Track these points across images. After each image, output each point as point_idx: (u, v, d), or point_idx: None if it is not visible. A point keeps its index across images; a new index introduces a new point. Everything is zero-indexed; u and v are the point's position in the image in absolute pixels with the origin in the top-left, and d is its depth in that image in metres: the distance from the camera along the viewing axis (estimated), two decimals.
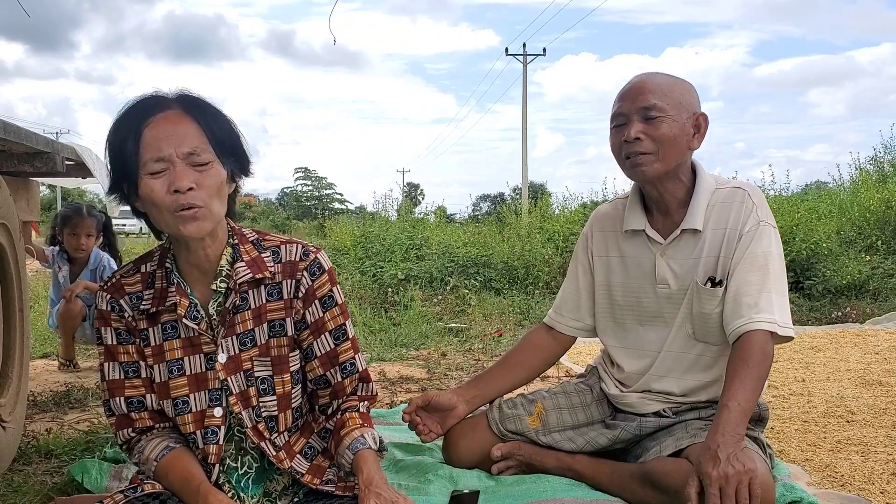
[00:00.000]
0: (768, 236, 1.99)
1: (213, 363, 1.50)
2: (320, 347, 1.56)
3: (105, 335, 1.53)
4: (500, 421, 2.24)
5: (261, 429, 1.53)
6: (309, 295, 1.53)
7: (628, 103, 2.00)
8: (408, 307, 6.72)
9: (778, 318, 1.92)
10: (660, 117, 1.97)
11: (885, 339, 4.95)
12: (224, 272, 1.50)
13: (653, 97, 1.98)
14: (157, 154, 1.38)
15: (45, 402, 3.38)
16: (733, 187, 2.07)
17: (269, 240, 1.56)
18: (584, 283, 2.28)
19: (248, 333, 1.51)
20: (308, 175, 51.16)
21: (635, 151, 1.98)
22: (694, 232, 2.04)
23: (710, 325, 2.03)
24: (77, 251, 4.23)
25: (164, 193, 1.38)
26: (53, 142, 2.82)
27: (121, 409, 1.53)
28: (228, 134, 1.46)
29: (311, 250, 1.54)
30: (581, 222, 9.89)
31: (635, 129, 1.97)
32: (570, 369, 4.10)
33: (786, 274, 2.02)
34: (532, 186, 30.09)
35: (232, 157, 1.47)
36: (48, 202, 28.04)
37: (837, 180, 12.36)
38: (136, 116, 1.41)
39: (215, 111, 1.47)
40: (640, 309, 2.15)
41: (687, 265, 2.05)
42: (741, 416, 1.79)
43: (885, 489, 2.22)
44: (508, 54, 29.67)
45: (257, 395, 1.52)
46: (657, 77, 2.04)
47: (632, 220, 2.14)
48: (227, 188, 1.47)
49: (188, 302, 1.48)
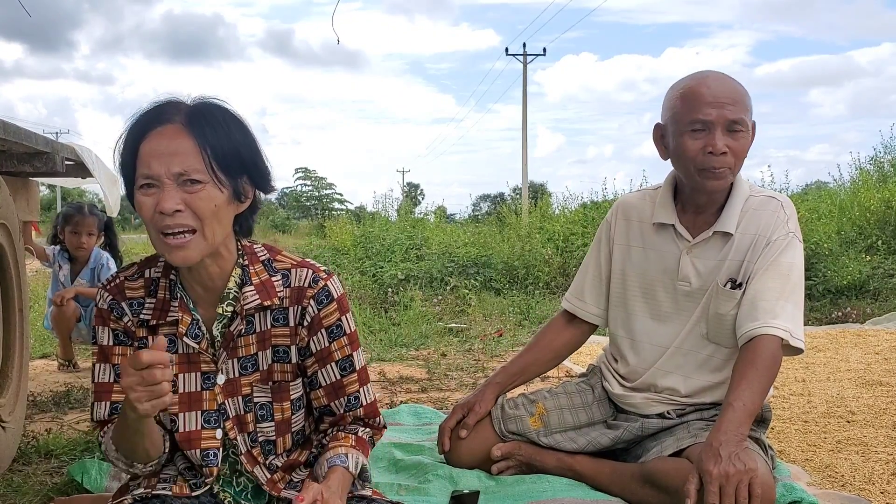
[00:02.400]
0: (794, 248, 2.00)
1: (210, 383, 1.46)
2: (325, 377, 1.51)
3: (101, 335, 1.49)
4: (502, 421, 2.23)
5: (255, 454, 1.50)
6: (315, 324, 1.47)
7: (714, 111, 1.94)
8: (408, 307, 6.72)
9: (792, 328, 1.92)
10: (742, 131, 1.97)
11: (886, 339, 4.94)
12: (231, 295, 1.44)
13: (739, 110, 1.95)
14: (148, 171, 1.33)
15: (44, 402, 3.38)
16: (767, 196, 2.08)
17: (281, 261, 1.49)
18: (605, 270, 2.27)
19: (251, 358, 1.47)
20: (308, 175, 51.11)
21: (720, 165, 1.96)
22: (725, 234, 2.04)
23: (724, 327, 2.03)
24: (78, 250, 4.23)
25: (152, 212, 1.33)
26: (53, 142, 2.82)
27: (102, 416, 1.48)
28: (235, 150, 1.38)
29: (321, 276, 1.47)
30: (581, 222, 9.90)
31: (722, 142, 1.94)
32: (570, 369, 4.10)
33: (804, 289, 2.03)
34: (532, 186, 30.12)
35: (243, 173, 1.40)
36: (48, 202, 28.07)
37: (838, 180, 12.35)
38: (138, 127, 1.37)
39: (225, 124, 1.39)
40: (654, 302, 2.15)
41: (711, 265, 2.05)
42: (746, 416, 1.79)
43: (885, 489, 2.22)
44: (508, 54, 29.70)
45: (254, 420, 1.49)
46: (732, 83, 2.00)
47: (662, 213, 2.13)
48: (231, 209, 1.39)
49: (190, 319, 1.44)
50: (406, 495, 2.06)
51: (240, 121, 1.42)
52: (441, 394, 3.61)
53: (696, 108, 1.96)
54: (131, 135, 1.37)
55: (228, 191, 1.37)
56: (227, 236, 1.43)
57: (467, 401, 2.29)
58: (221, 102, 1.42)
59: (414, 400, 3.44)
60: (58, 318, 4.09)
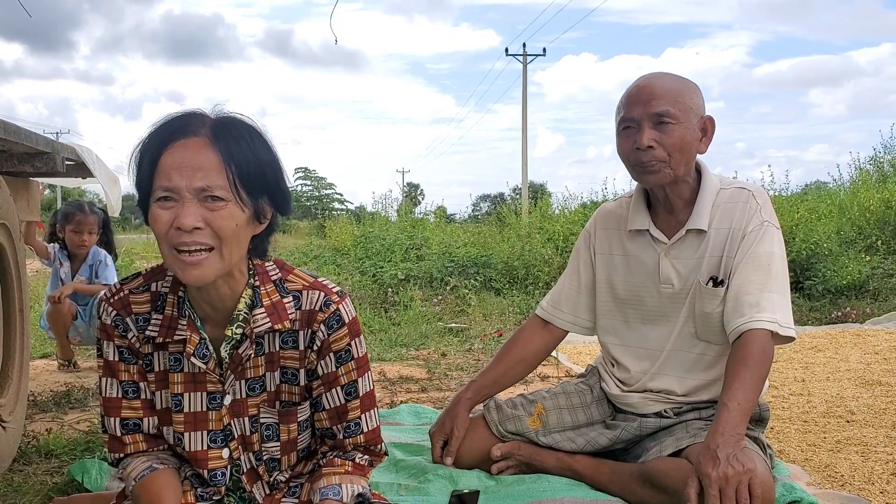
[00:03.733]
0: (771, 237, 1.99)
1: (216, 404, 1.44)
2: (330, 401, 1.48)
3: (107, 349, 1.46)
4: (499, 422, 2.23)
5: (260, 472, 1.49)
6: (324, 348, 1.44)
7: (639, 108, 1.96)
8: (408, 307, 6.72)
9: (779, 318, 1.91)
10: (671, 124, 1.94)
11: (885, 339, 4.95)
12: (241, 316, 1.40)
13: (664, 103, 1.94)
14: (168, 184, 1.27)
15: (45, 402, 3.38)
16: (738, 188, 2.06)
17: (293, 281, 1.45)
18: (585, 279, 2.28)
19: (259, 379, 1.45)
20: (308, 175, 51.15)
21: (648, 160, 1.96)
22: (699, 232, 2.04)
23: (711, 325, 2.03)
24: (79, 248, 4.24)
25: (168, 227, 1.27)
26: (53, 142, 2.82)
27: (114, 431, 1.47)
28: (260, 170, 1.32)
29: (332, 300, 1.43)
30: (581, 222, 9.89)
31: (647, 137, 1.94)
32: (569, 369, 4.10)
33: (788, 275, 2.02)
34: (532, 186, 30.10)
35: (264, 193, 1.34)
36: (48, 202, 28.04)
37: (837, 180, 12.38)
38: (160, 137, 1.31)
39: (252, 141, 1.33)
40: (643, 307, 2.15)
41: (690, 265, 2.05)
42: (741, 415, 1.79)
43: (884, 489, 2.22)
44: (508, 54, 29.72)
45: (260, 440, 1.48)
46: (666, 80, 2.01)
47: (636, 219, 2.13)
48: (249, 229, 1.35)
49: (198, 338, 1.41)
50: (406, 495, 2.06)
51: (265, 139, 1.37)
52: (441, 393, 3.61)
53: (625, 107, 2.00)
54: (152, 144, 1.31)
55: (249, 210, 1.32)
56: (242, 257, 1.38)
57: (441, 425, 2.25)
58: (246, 118, 1.37)
59: (414, 400, 3.44)
60: (53, 316, 4.09)
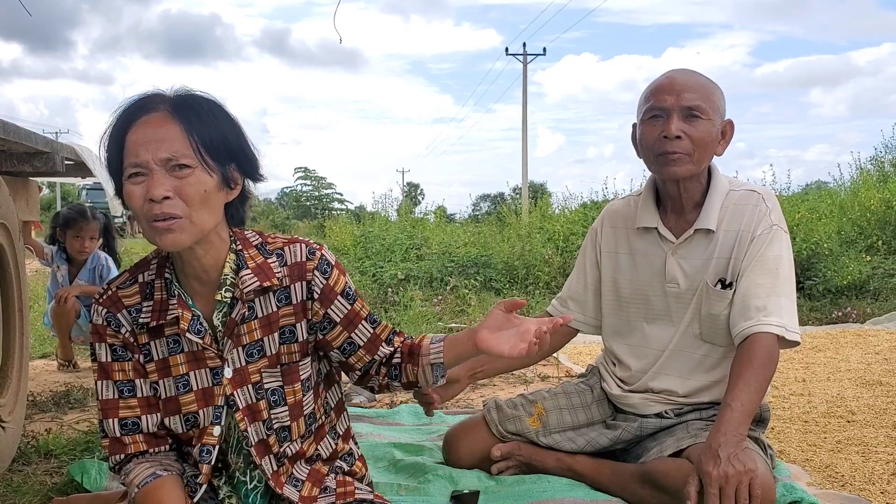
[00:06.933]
0: (780, 241, 1.99)
1: (219, 378, 1.45)
2: (361, 337, 1.53)
3: (99, 351, 1.47)
4: (499, 422, 2.23)
5: (270, 442, 1.49)
6: (327, 293, 1.47)
7: (671, 98, 1.96)
8: (408, 307, 6.72)
9: (787, 323, 1.91)
10: (700, 118, 1.95)
11: (886, 339, 4.94)
12: (229, 280, 1.43)
13: (696, 97, 1.95)
14: (135, 160, 1.33)
15: (44, 402, 3.38)
16: (748, 190, 2.07)
17: (272, 242, 1.49)
18: (591, 279, 2.27)
19: (256, 344, 1.46)
20: (308, 175, 51.05)
21: (673, 150, 1.96)
22: (707, 232, 2.03)
23: (717, 327, 2.03)
24: (80, 254, 4.23)
25: (142, 201, 1.32)
26: (53, 141, 2.82)
27: (114, 432, 1.47)
28: (222, 137, 1.38)
29: (315, 248, 1.48)
30: (581, 222, 9.89)
31: (676, 126, 1.94)
32: (570, 369, 4.10)
33: (795, 279, 2.02)
34: (532, 186, 30.13)
35: (231, 161, 1.40)
36: (47, 202, 28.05)
37: (838, 180, 12.35)
38: (123, 119, 1.36)
39: (211, 112, 1.39)
40: (647, 307, 2.15)
41: (697, 265, 2.05)
42: (744, 416, 1.79)
43: (885, 489, 2.22)
44: (509, 54, 29.68)
45: (268, 407, 1.48)
46: (697, 76, 2.02)
47: (644, 217, 2.13)
48: (221, 195, 1.39)
49: (191, 315, 1.43)
50: (406, 495, 2.06)
51: (224, 109, 1.42)
52: None
53: (654, 96, 2.00)
54: (116, 127, 1.36)
55: (217, 176, 1.37)
56: (220, 225, 1.42)
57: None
58: (204, 93, 1.42)
59: (414, 400, 3.43)
60: (57, 314, 4.09)
